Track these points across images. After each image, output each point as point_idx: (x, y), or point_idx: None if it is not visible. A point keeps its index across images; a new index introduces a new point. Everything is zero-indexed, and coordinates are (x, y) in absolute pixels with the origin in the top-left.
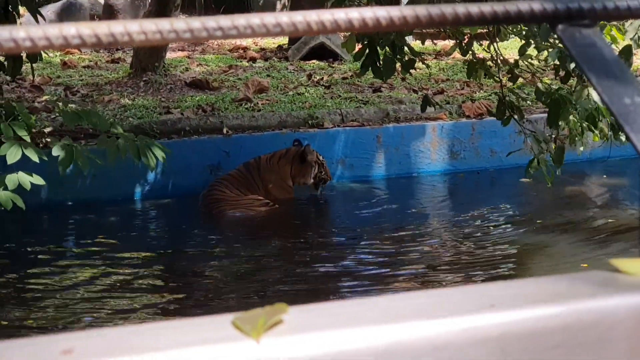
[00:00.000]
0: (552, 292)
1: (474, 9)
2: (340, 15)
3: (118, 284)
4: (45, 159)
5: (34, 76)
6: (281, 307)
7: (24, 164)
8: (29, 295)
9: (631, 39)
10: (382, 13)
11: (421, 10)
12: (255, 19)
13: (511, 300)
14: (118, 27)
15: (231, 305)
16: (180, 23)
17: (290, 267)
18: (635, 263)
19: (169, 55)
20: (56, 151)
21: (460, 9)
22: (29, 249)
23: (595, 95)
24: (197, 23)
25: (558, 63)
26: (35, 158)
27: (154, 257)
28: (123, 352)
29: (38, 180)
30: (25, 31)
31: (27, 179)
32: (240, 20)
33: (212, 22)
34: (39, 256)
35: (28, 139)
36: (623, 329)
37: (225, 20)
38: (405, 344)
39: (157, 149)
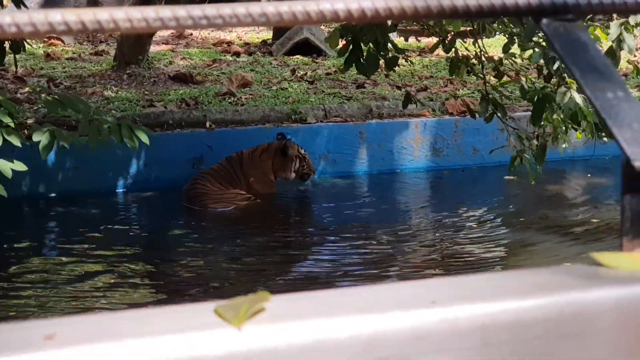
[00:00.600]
0: (534, 284)
1: (459, 1)
2: (326, 6)
3: (98, 280)
4: (28, 143)
5: (16, 67)
6: (264, 295)
7: (6, 154)
8: (9, 289)
9: (613, 41)
10: (368, 4)
11: (406, 2)
12: (240, 9)
13: (493, 291)
14: (104, 14)
15: (211, 299)
16: (165, 11)
17: (270, 263)
18: (616, 256)
19: (153, 48)
20: (37, 136)
21: (446, 1)
22: (8, 243)
23: (577, 97)
24: (183, 11)
25: (542, 62)
26: (17, 142)
27: (136, 251)
28: (105, 337)
29: (20, 166)
30: (10, 17)
31: (8, 166)
32: (226, 9)
33: (198, 10)
34: (19, 249)
35: (12, 125)
36: (604, 321)
37: (210, 9)
38: (388, 334)
39: (142, 133)
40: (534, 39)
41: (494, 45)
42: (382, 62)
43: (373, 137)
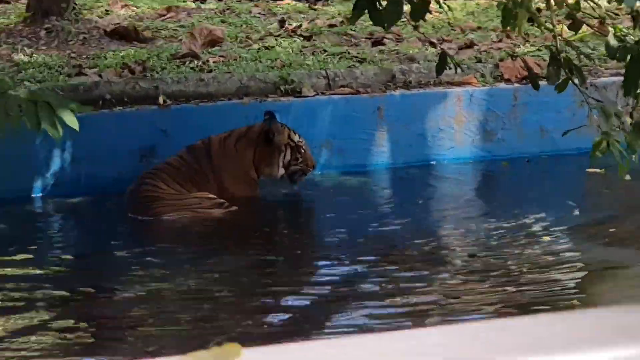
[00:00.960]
0: (620, 327)
1: None
2: None
3: (2, 322)
4: None
5: None
6: (233, 349)
7: None
8: None
9: None
10: None
11: None
12: None
13: (567, 337)
14: None
15: (165, 347)
16: None
17: (247, 296)
18: None
19: None
20: None
21: None
22: None
23: None
24: None
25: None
26: None
27: (58, 281)
28: None
29: None
30: None
31: None
32: None
33: None
34: None
35: None
36: None
37: None
38: None
39: (67, 114)
40: None
41: None
42: (406, 7)
43: (396, 116)
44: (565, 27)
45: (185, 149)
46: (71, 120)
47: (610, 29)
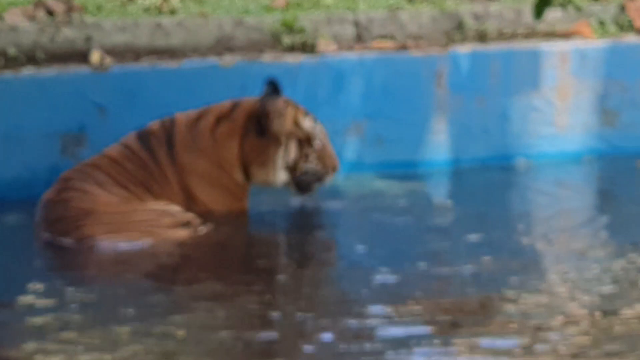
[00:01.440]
0: None
1: None
2: None
3: None
4: None
5: None
6: None
7: None
8: None
9: None
10: None
11: None
12: None
13: None
14: None
15: None
16: None
17: None
18: None
19: None
20: None
21: None
22: None
23: None
24: None
25: None
26: None
27: None
28: None
29: None
30: None
31: None
32: None
33: None
34: None
35: None
36: None
37: None
38: None
39: None
40: None
41: None
42: None
43: (464, 85)
44: None
45: (134, 134)
46: None
47: None
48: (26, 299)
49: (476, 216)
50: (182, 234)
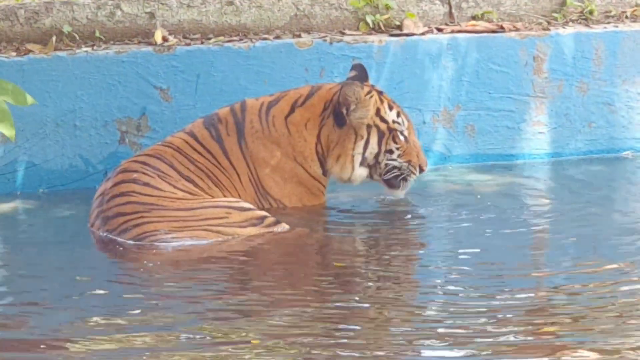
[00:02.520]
0: None
1: None
2: None
3: None
4: None
5: None
6: None
7: None
8: None
9: None
10: None
11: None
12: None
13: None
14: None
15: None
16: None
17: None
18: None
19: None
20: None
21: None
22: None
23: None
24: None
25: None
26: None
27: None
28: None
29: None
30: None
31: None
32: None
33: None
34: None
35: None
36: None
37: None
38: None
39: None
40: None
41: None
42: None
43: (565, 70)
44: None
45: (200, 121)
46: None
47: None
48: (82, 303)
49: (567, 206)
50: (252, 232)
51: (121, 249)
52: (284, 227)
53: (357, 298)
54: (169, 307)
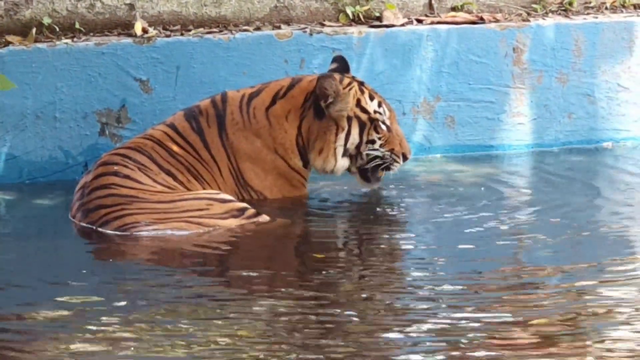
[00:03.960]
0: None
1: None
2: None
3: None
4: None
5: None
6: None
7: None
8: None
9: None
10: None
11: None
12: None
13: None
14: None
15: None
16: None
17: None
18: None
19: None
20: None
21: None
22: None
23: None
24: None
25: None
26: None
27: None
28: None
29: None
30: None
31: None
32: None
33: None
34: None
35: None
36: None
37: None
38: None
39: None
40: None
41: None
42: None
43: (544, 62)
44: None
45: (181, 113)
46: None
47: None
48: (63, 293)
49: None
50: (233, 224)
51: (102, 240)
52: (264, 218)
53: (335, 289)
54: (148, 299)
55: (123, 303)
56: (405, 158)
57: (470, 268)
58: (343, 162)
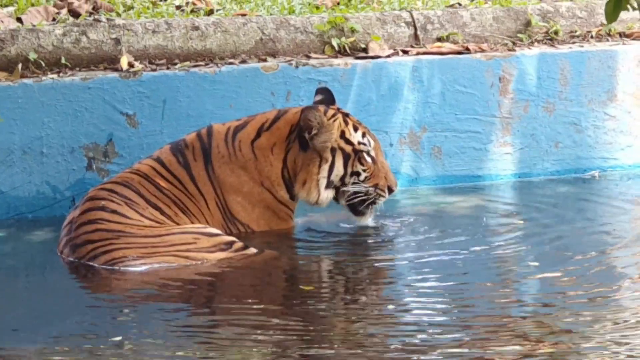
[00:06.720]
0: None
1: None
2: None
3: None
4: None
5: None
6: None
7: None
8: None
9: None
10: None
11: None
12: None
13: None
14: None
15: None
16: None
17: None
18: None
19: None
20: None
21: None
22: None
23: None
24: None
25: None
26: None
27: None
28: None
29: None
30: None
31: None
32: None
33: None
34: None
35: None
36: None
37: None
38: None
39: None
40: None
41: None
42: None
43: (531, 91)
44: None
45: (167, 147)
46: None
47: None
48: (52, 329)
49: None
50: (221, 257)
51: (90, 275)
52: (252, 251)
53: (323, 322)
54: (139, 332)
55: (118, 338)
56: (390, 191)
57: (462, 299)
58: (327, 194)
